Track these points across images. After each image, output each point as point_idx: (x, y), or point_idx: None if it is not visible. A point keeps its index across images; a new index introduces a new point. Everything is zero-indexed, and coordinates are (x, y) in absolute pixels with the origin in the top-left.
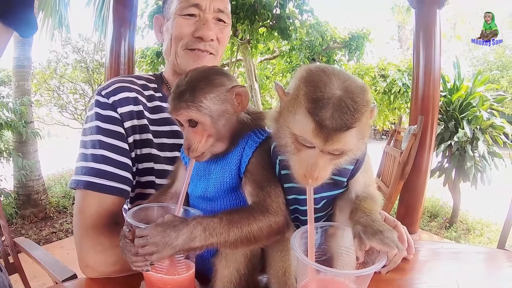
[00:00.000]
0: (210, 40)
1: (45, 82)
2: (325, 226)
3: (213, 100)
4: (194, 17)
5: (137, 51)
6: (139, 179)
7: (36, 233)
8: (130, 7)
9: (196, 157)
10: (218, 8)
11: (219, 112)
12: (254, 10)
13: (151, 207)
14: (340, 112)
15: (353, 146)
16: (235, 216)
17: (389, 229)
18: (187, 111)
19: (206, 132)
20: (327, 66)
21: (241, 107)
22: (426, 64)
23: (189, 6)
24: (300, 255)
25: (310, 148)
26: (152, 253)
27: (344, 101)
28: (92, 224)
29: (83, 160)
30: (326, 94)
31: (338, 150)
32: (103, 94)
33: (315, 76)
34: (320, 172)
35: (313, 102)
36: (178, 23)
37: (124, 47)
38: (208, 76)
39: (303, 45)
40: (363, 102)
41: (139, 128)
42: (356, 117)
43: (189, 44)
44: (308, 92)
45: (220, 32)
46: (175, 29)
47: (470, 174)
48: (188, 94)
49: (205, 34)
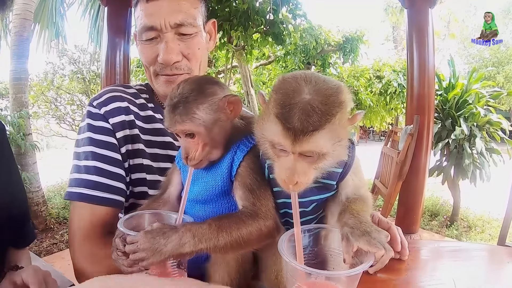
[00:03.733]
0: (175, 62)
1: (42, 94)
2: (313, 229)
3: (206, 110)
4: (155, 39)
5: (133, 60)
6: (132, 189)
7: (37, 244)
8: (125, 17)
9: (194, 165)
10: (175, 23)
11: (213, 121)
12: (247, 17)
13: (143, 215)
14: (307, 114)
15: (327, 149)
16: (224, 221)
17: (377, 230)
18: (182, 125)
19: (202, 141)
20: (302, 73)
21: (233, 114)
22: (420, 64)
23: (145, 31)
24: (288, 259)
25: (286, 154)
26: (142, 259)
27: (311, 104)
28: (86, 235)
29: (77, 171)
30: (293, 99)
31: (310, 153)
32: (94, 105)
33: (286, 84)
34: (299, 177)
35: (281, 108)
36: (141, 50)
37: (119, 57)
38: (200, 86)
39: (297, 50)
40: (334, 104)
41: (131, 138)
42: (325, 119)
43: (158, 71)
44: (277, 99)
45: (186, 48)
46: (141, 57)
47: (468, 171)
48: (181, 107)
49: (165, 59)
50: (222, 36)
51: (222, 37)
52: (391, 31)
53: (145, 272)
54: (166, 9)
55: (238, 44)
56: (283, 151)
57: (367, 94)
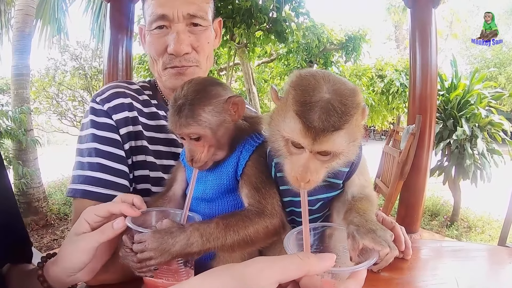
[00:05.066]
0: (185, 54)
1: (44, 90)
2: (319, 227)
3: (212, 112)
4: (165, 29)
5: (135, 57)
6: (136, 186)
7: (37, 240)
8: (127, 14)
9: (199, 167)
10: (188, 13)
11: (218, 123)
12: (250, 14)
13: (150, 212)
14: (328, 114)
15: (343, 148)
16: (231, 220)
17: (382, 228)
18: (188, 128)
19: (207, 143)
20: (318, 70)
21: (237, 115)
22: (422, 63)
23: (156, 20)
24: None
25: (300, 151)
26: (150, 258)
27: (331, 104)
28: None
29: (80, 168)
30: (314, 97)
31: (327, 152)
32: (97, 101)
33: (304, 81)
34: (312, 175)
35: (301, 105)
36: (150, 41)
37: (121, 54)
38: (204, 88)
39: (300, 48)
40: (353, 105)
41: (134, 135)
42: (344, 119)
43: (167, 63)
44: (297, 96)
45: (196, 41)
46: (149, 48)
47: (469, 172)
48: (186, 110)
49: (176, 50)
50: (225, 34)
51: (225, 34)
52: (393, 30)
53: (153, 268)
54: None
55: (240, 42)
56: (297, 148)
57: (369, 93)
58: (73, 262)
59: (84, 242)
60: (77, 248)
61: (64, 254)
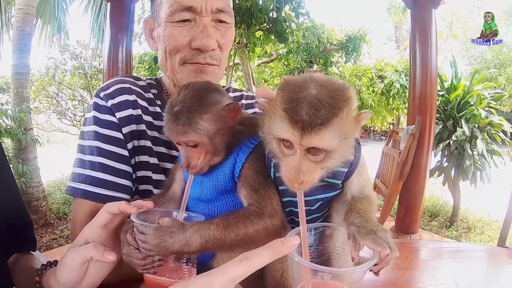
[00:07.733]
0: (211, 50)
1: (43, 89)
2: (319, 227)
3: (209, 121)
4: (189, 22)
5: (135, 56)
6: (137, 187)
7: (37, 239)
8: (127, 13)
9: (195, 172)
10: (216, 7)
11: (215, 130)
12: (250, 14)
13: (152, 211)
14: (315, 108)
15: (334, 145)
16: (231, 221)
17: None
18: (185, 136)
19: (204, 150)
20: (307, 74)
21: (233, 121)
22: (422, 64)
23: (181, 11)
24: (295, 256)
25: (292, 152)
26: (150, 250)
27: (318, 98)
28: None
29: (81, 166)
30: (301, 94)
31: (318, 149)
32: (101, 96)
33: (291, 82)
34: (305, 176)
35: (288, 103)
36: (171, 33)
37: (121, 53)
38: (202, 95)
39: (300, 48)
40: (341, 98)
41: (138, 134)
42: (332, 113)
43: (187, 58)
44: (284, 95)
45: (222, 37)
46: (168, 41)
47: (469, 172)
48: (184, 117)
49: (204, 45)
50: None
51: None
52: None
53: (157, 264)
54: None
55: (240, 42)
56: (289, 149)
57: (369, 93)
58: (63, 278)
59: (70, 257)
60: (63, 263)
61: (58, 269)
